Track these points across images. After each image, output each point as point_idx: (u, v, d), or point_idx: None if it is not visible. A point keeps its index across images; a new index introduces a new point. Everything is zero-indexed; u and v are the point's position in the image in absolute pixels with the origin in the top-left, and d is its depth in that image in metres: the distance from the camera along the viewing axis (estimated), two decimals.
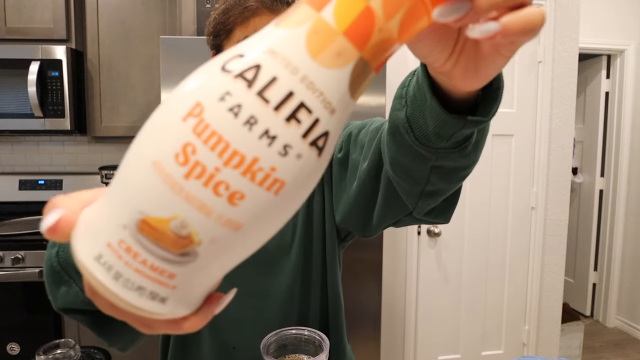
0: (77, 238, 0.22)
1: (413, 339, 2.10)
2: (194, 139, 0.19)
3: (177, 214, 0.19)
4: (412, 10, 0.20)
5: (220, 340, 0.70)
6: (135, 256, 0.20)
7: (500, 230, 2.14)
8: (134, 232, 0.20)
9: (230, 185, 0.19)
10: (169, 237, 0.20)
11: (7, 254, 1.74)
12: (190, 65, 1.54)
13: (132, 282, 0.20)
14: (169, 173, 0.19)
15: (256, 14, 0.60)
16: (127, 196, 0.20)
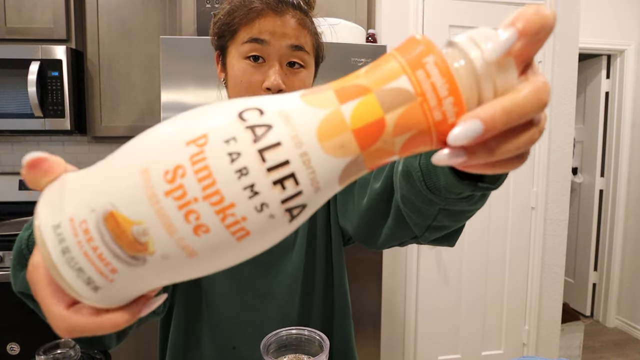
0: (45, 201, 0.23)
1: (413, 339, 2.10)
2: (188, 164, 0.20)
3: (143, 221, 0.21)
4: (418, 136, 0.22)
5: (220, 339, 0.69)
6: (90, 240, 0.21)
7: (500, 230, 2.14)
8: (99, 219, 0.21)
9: (201, 217, 0.20)
10: (127, 237, 0.21)
11: (7, 254, 1.74)
12: (190, 65, 1.54)
13: (76, 262, 0.21)
14: (152, 184, 0.21)
15: (261, 15, 0.61)
16: (107, 185, 0.22)
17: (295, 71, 0.64)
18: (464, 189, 0.38)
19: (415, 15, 1.94)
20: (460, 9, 1.98)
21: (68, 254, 0.21)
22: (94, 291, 0.22)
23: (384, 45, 1.64)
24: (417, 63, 0.22)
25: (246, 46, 0.62)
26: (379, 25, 1.97)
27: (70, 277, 0.22)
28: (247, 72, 0.63)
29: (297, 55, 0.64)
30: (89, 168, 0.24)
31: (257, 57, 0.62)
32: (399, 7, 1.94)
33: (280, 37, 0.62)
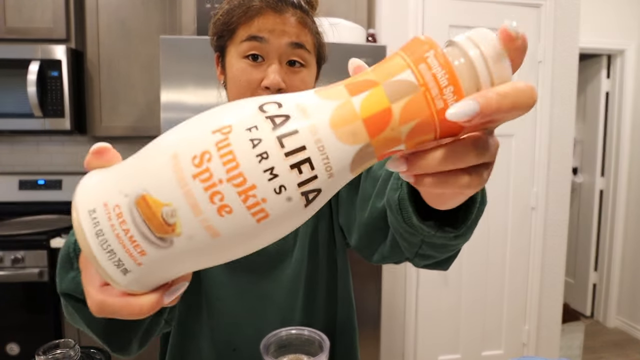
0: (83, 187, 0.25)
1: (413, 339, 2.10)
2: (214, 150, 0.22)
3: (172, 202, 0.22)
4: (422, 125, 0.23)
5: (221, 341, 0.69)
6: (122, 223, 0.23)
7: (500, 231, 2.14)
8: (131, 203, 0.23)
9: (225, 197, 0.22)
10: (157, 218, 0.23)
11: (7, 254, 1.74)
12: (190, 65, 1.54)
13: (108, 244, 0.23)
14: (181, 167, 0.22)
15: (260, 14, 0.60)
16: (139, 171, 0.24)
17: (295, 70, 0.63)
18: (426, 230, 0.40)
19: (415, 15, 1.94)
20: (460, 9, 1.98)
21: (101, 237, 0.23)
22: (123, 274, 0.24)
23: (384, 46, 1.64)
24: (420, 57, 0.24)
25: (245, 45, 0.61)
26: (379, 25, 1.97)
27: (102, 259, 0.23)
28: (246, 71, 0.62)
29: (298, 54, 0.62)
30: (125, 160, 0.26)
31: (256, 55, 0.61)
32: (399, 7, 1.94)
33: (280, 35, 0.61)
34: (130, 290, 0.25)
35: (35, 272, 1.75)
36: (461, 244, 0.46)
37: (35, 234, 1.81)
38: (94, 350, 0.68)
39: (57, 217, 2.14)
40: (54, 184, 2.26)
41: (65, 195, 2.26)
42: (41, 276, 1.76)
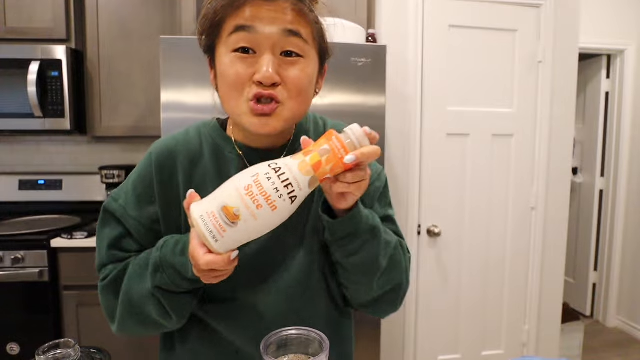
0: (196, 206, 0.52)
1: (413, 339, 2.10)
2: (253, 184, 0.50)
3: (237, 206, 0.50)
4: (335, 166, 0.52)
5: (221, 344, 0.69)
6: (215, 218, 0.50)
7: (500, 230, 2.14)
8: (219, 210, 0.50)
9: (259, 202, 0.50)
10: (231, 214, 0.50)
11: (7, 254, 1.74)
12: (190, 65, 1.54)
13: (209, 228, 0.50)
14: (240, 192, 0.50)
15: (248, 2, 0.56)
16: (221, 196, 0.51)
17: (291, 60, 0.57)
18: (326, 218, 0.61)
19: (415, 15, 1.94)
20: (460, 9, 1.98)
21: (207, 226, 0.50)
22: (215, 242, 0.51)
23: (384, 45, 1.64)
24: (330, 138, 0.52)
25: (233, 37, 0.56)
26: (379, 25, 1.97)
27: (208, 236, 0.50)
28: (235, 65, 0.57)
29: (293, 43, 0.56)
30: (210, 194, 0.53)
31: (247, 48, 0.56)
32: (399, 7, 1.94)
33: (271, 22, 0.55)
34: (218, 252, 0.52)
35: (35, 272, 1.75)
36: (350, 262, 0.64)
37: (35, 234, 1.81)
38: (94, 350, 0.68)
39: (57, 217, 2.14)
40: (54, 184, 2.26)
41: (65, 195, 2.26)
42: (41, 276, 1.76)
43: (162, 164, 0.67)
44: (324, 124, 0.76)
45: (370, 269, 0.65)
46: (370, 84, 1.63)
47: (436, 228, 2.03)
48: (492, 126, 2.07)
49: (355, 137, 0.52)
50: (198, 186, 0.66)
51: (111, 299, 0.66)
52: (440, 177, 2.04)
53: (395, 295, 0.71)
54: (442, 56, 1.98)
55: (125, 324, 0.66)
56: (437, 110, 2.01)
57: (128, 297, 0.64)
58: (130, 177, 0.69)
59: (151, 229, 0.67)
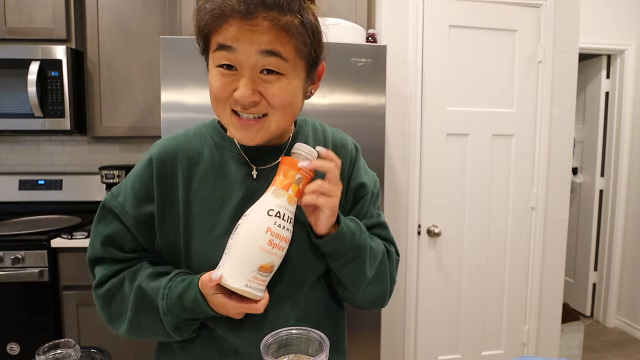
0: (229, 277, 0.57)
1: (413, 339, 2.10)
2: (273, 238, 0.58)
3: (270, 261, 0.59)
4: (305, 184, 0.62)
5: (220, 344, 0.69)
6: (257, 279, 0.58)
7: (501, 230, 2.14)
8: (257, 270, 0.58)
9: (282, 246, 0.60)
10: (267, 268, 0.59)
11: (7, 254, 1.74)
12: (190, 65, 1.54)
13: (256, 288, 0.59)
14: (267, 249, 0.58)
15: (228, 20, 0.56)
16: (250, 259, 0.58)
17: (271, 79, 0.59)
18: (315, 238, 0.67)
19: (415, 15, 1.94)
20: (460, 9, 1.98)
21: (254, 288, 0.58)
22: (260, 293, 0.59)
23: (384, 45, 1.64)
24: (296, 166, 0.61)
25: (217, 54, 0.59)
26: (379, 25, 1.97)
27: (257, 294, 0.59)
28: (219, 79, 0.59)
29: (271, 62, 0.57)
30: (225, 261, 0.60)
31: (229, 65, 0.58)
32: (399, 7, 1.94)
33: (248, 42, 0.56)
34: (261, 298, 0.60)
35: (35, 272, 1.75)
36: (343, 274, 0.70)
37: (35, 233, 1.81)
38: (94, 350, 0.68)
39: (57, 217, 2.14)
40: (54, 184, 2.26)
41: (65, 195, 2.26)
42: (41, 276, 1.76)
43: (161, 163, 0.68)
44: (323, 130, 0.77)
45: (355, 281, 0.70)
46: (370, 84, 1.63)
47: (436, 228, 2.03)
48: (492, 126, 2.07)
49: (306, 151, 0.61)
50: (198, 185, 0.68)
51: (107, 306, 0.69)
52: (440, 177, 2.04)
53: (381, 300, 0.76)
54: (442, 56, 1.98)
55: (129, 334, 0.68)
56: (437, 110, 2.01)
57: (137, 321, 0.67)
58: (130, 175, 0.70)
59: (148, 226, 0.68)
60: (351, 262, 0.68)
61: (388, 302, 0.77)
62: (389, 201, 2.00)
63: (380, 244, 0.74)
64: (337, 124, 1.65)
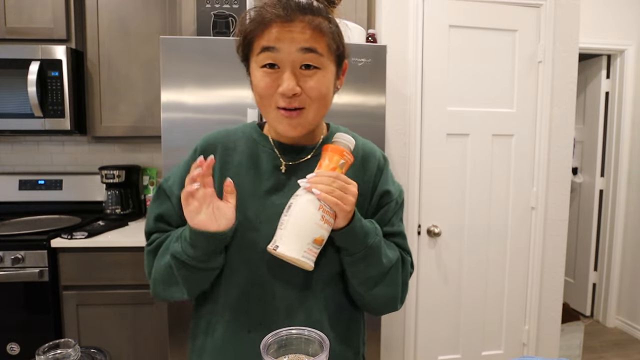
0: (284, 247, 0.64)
1: (413, 338, 2.10)
2: (324, 214, 0.65)
3: (322, 235, 0.66)
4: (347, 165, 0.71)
5: (237, 324, 0.74)
6: (311, 251, 0.65)
7: (500, 230, 2.14)
8: (311, 243, 0.65)
9: (330, 221, 0.66)
10: (319, 241, 0.65)
11: (7, 254, 1.74)
12: (190, 65, 1.54)
13: (310, 258, 0.65)
14: (320, 224, 0.65)
15: (271, 25, 0.66)
16: (307, 234, 0.64)
17: (309, 73, 0.67)
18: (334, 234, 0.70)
19: (416, 15, 1.94)
20: (460, 9, 1.98)
21: (307, 257, 0.64)
22: (311, 262, 0.65)
23: (384, 45, 1.64)
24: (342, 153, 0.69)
25: (261, 56, 0.67)
26: (379, 25, 1.97)
27: (308, 262, 0.65)
28: (263, 79, 0.68)
29: (309, 58, 0.66)
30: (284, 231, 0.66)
31: (272, 64, 0.67)
32: (399, 7, 1.94)
33: (290, 42, 0.65)
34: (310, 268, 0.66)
35: (35, 272, 1.75)
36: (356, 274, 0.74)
37: (35, 233, 1.81)
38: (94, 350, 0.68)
39: (57, 217, 2.14)
40: (54, 184, 2.26)
41: (65, 195, 2.26)
42: (41, 276, 1.76)
43: (203, 152, 0.79)
44: (354, 138, 0.81)
45: (364, 280, 0.74)
46: (370, 84, 1.63)
47: (436, 228, 2.03)
48: (492, 126, 2.07)
49: (347, 140, 0.70)
50: (231, 173, 0.76)
51: (151, 260, 0.77)
52: (440, 177, 2.04)
53: (390, 304, 0.78)
54: (442, 56, 1.98)
55: (155, 285, 0.76)
56: (437, 110, 2.01)
57: (157, 263, 0.75)
58: (181, 162, 0.81)
59: None
60: (362, 261, 0.72)
61: (401, 307, 0.79)
62: None
63: (397, 252, 0.77)
64: (337, 123, 1.65)
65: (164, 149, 1.56)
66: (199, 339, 0.79)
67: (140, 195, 2.35)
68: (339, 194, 0.64)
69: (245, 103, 1.58)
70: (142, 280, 1.83)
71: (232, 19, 1.68)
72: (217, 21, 1.67)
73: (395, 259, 0.75)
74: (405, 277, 0.79)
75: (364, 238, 0.70)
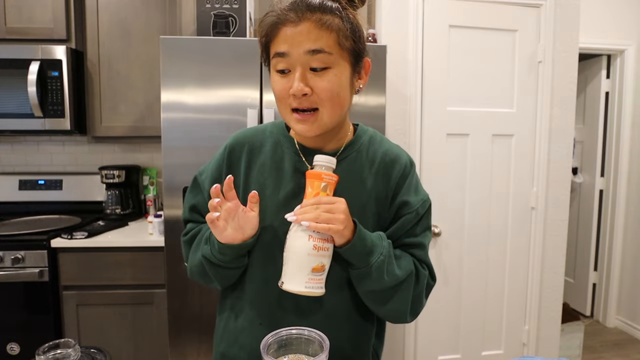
0: (288, 284, 0.67)
1: (413, 339, 2.10)
2: (316, 243, 0.66)
3: (321, 262, 0.67)
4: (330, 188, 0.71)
5: (253, 316, 0.78)
6: (312, 280, 0.66)
7: (500, 230, 2.14)
8: (310, 272, 0.66)
9: (325, 247, 0.67)
10: (319, 269, 0.67)
11: (7, 254, 1.74)
12: (190, 65, 1.54)
13: (312, 286, 0.66)
14: (313, 254, 0.66)
15: (280, 29, 0.67)
16: (303, 266, 0.66)
17: (319, 73, 0.68)
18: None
19: (416, 15, 1.94)
20: (460, 9, 1.98)
21: (310, 287, 0.66)
22: (320, 290, 0.67)
23: (384, 45, 1.64)
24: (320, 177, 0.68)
25: (274, 61, 0.70)
26: (379, 25, 1.97)
27: (319, 292, 0.67)
28: (278, 82, 0.70)
29: (318, 59, 0.67)
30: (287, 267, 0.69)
31: (283, 70, 0.69)
32: (399, 7, 1.94)
33: (297, 45, 0.66)
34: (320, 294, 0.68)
35: (35, 272, 1.75)
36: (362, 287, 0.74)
37: (35, 233, 1.81)
38: (94, 350, 0.68)
39: (57, 217, 2.14)
40: (54, 184, 2.26)
41: (65, 195, 2.26)
42: (41, 276, 1.76)
43: (231, 150, 0.82)
44: (381, 142, 0.82)
45: (364, 294, 0.75)
46: (370, 84, 1.62)
47: (436, 228, 2.03)
48: (492, 126, 2.07)
49: (325, 161, 0.69)
50: (256, 172, 0.79)
51: (187, 250, 0.84)
52: (440, 177, 2.04)
53: (397, 318, 0.77)
54: (442, 56, 1.98)
55: (192, 275, 0.83)
56: (437, 110, 2.01)
57: (192, 256, 0.82)
58: (213, 158, 0.86)
59: None
60: (366, 277, 0.71)
61: (413, 318, 0.79)
62: None
63: (411, 266, 0.75)
64: None
65: (164, 149, 1.56)
66: (223, 319, 0.85)
67: (140, 195, 2.35)
68: (325, 217, 0.64)
69: (245, 103, 1.58)
70: (142, 280, 1.84)
71: (232, 19, 1.68)
72: (217, 21, 1.67)
73: (405, 275, 0.73)
74: (419, 292, 0.76)
75: (367, 256, 0.69)
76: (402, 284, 0.73)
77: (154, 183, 2.35)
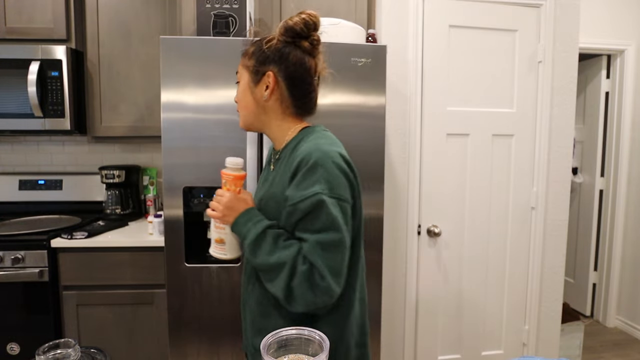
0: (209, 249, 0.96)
1: (413, 339, 2.10)
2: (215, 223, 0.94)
3: (219, 236, 0.93)
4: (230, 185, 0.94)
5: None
6: (217, 248, 0.93)
7: (501, 230, 2.14)
8: (215, 242, 0.93)
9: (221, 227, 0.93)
10: (219, 240, 0.93)
11: (7, 254, 1.74)
12: (190, 65, 1.54)
13: (216, 252, 0.94)
14: (212, 229, 0.94)
15: None
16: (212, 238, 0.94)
17: None
18: None
19: (415, 15, 1.94)
20: (460, 9, 1.98)
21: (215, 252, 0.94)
22: (222, 255, 0.94)
23: (384, 45, 1.64)
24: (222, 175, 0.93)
25: None
26: (379, 25, 1.97)
27: (216, 254, 0.94)
28: None
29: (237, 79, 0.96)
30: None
31: None
32: (399, 7, 1.94)
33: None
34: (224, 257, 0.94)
35: (35, 272, 1.75)
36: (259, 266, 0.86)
37: (35, 233, 1.81)
38: (94, 350, 0.68)
39: (57, 217, 2.14)
40: (54, 184, 2.26)
41: (65, 195, 2.26)
42: (41, 276, 1.76)
43: None
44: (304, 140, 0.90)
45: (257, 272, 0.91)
46: (370, 84, 1.63)
47: (436, 228, 2.03)
48: (492, 126, 2.07)
49: (230, 162, 0.90)
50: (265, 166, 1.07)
51: None
52: (440, 177, 2.04)
53: (280, 301, 0.83)
54: (442, 56, 1.98)
55: None
56: (437, 110, 2.01)
57: None
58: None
59: None
60: (249, 255, 0.87)
61: (297, 308, 0.81)
62: (389, 201, 2.00)
63: (285, 258, 0.80)
64: (337, 123, 1.65)
65: (164, 149, 1.56)
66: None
67: (140, 195, 2.35)
68: (213, 206, 0.90)
69: None
70: (142, 280, 1.84)
71: (232, 19, 1.68)
72: (217, 21, 1.67)
73: (275, 263, 0.80)
74: (296, 284, 0.79)
75: (243, 239, 0.86)
76: (273, 271, 0.81)
77: (154, 183, 2.35)
